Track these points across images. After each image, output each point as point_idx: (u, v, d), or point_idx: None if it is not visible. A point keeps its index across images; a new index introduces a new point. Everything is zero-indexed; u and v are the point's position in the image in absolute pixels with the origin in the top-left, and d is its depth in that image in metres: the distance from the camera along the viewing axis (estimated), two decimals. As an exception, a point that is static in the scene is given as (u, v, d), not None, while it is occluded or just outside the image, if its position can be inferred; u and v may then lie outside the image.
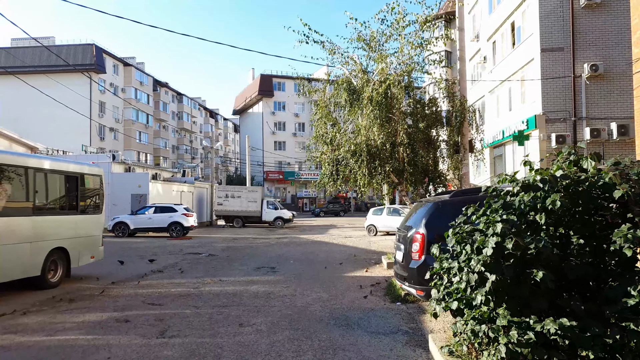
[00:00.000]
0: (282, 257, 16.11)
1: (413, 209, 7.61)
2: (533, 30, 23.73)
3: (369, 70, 13.14)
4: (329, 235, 25.84)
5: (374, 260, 14.68)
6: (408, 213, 7.72)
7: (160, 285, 10.57)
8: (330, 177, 13.20)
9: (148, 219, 25.12)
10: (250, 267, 13.60)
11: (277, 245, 20.69)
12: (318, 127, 13.57)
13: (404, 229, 7.29)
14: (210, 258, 16.07)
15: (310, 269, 13.10)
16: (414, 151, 12.29)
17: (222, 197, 34.76)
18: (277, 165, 70.04)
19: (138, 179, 28.77)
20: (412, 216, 7.37)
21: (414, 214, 7.34)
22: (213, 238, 25.10)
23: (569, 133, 22.97)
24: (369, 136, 12.14)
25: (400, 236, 7.31)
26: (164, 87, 76.49)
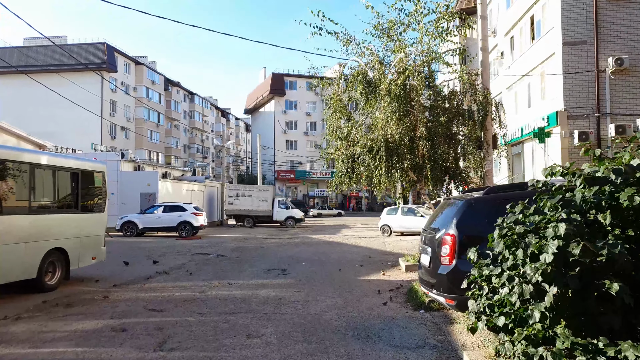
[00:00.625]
0: (293, 258, 15.43)
1: (439, 208, 6.87)
2: (554, 24, 22.84)
3: (386, 62, 12.41)
4: (341, 236, 25.12)
5: (390, 262, 13.93)
6: (434, 213, 6.97)
7: (165, 289, 9.92)
8: (345, 174, 12.46)
9: (157, 218, 24.58)
10: (261, 268, 12.92)
11: (288, 245, 20.02)
12: (332, 122, 12.84)
13: (430, 231, 6.55)
14: (220, 259, 15.43)
15: (323, 271, 12.40)
16: (435, 146, 11.50)
17: (232, 196, 34.20)
18: (289, 165, 69.48)
19: (147, 177, 28.27)
20: (440, 216, 6.63)
21: (442, 214, 6.60)
22: (223, 238, 24.50)
23: (592, 130, 22.07)
24: (387, 130, 11.38)
25: (427, 238, 6.58)
26: (176, 86, 76.25)
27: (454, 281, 5.58)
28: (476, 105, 12.32)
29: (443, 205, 6.81)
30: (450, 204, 6.48)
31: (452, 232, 5.74)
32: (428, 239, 6.44)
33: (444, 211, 6.55)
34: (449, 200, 6.81)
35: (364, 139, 11.80)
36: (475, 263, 4.45)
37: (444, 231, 5.88)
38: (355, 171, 12.43)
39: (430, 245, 6.26)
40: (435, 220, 6.70)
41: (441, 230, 5.99)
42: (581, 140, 21.66)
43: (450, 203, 6.50)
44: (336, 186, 13.23)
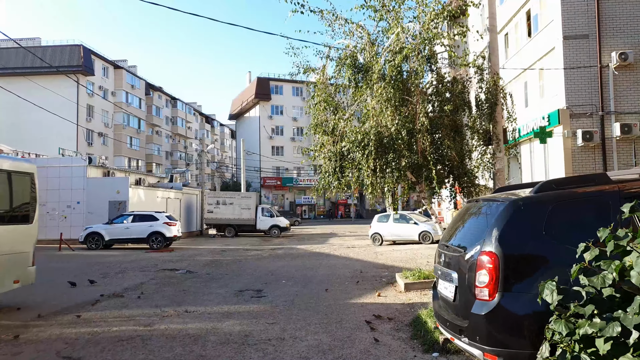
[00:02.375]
0: (273, 274, 13.40)
1: (460, 216, 4.90)
2: (553, 17, 21.30)
3: (379, 42, 10.53)
4: (329, 246, 23.12)
5: (385, 279, 11.96)
6: (452, 222, 5.00)
7: (103, 321, 7.82)
8: (333, 175, 10.47)
9: (125, 228, 22.36)
10: (232, 289, 10.87)
11: (269, 258, 17.96)
12: (316, 114, 10.89)
13: (453, 248, 4.58)
14: (187, 276, 13.34)
15: (307, 291, 10.38)
16: (437, 141, 9.62)
17: (212, 204, 32.04)
18: (275, 171, 67.39)
19: (117, 184, 26.01)
20: (464, 226, 4.62)
21: (467, 223, 4.57)
22: (199, 250, 22.38)
23: (596, 129, 20.49)
24: (380, 122, 9.47)
25: (448, 258, 4.62)
26: (157, 91, 73.93)
27: (499, 327, 3.65)
28: (483, 92, 10.48)
29: (467, 210, 4.84)
30: (480, 207, 4.51)
31: (492, 250, 3.77)
32: (451, 260, 4.45)
33: (471, 219, 4.56)
34: (477, 202, 4.84)
35: (354, 132, 9.87)
36: (557, 308, 2.52)
37: (479, 249, 3.88)
38: (344, 171, 10.47)
39: (455, 269, 4.28)
40: (457, 233, 4.70)
41: (473, 248, 3.98)
42: (585, 140, 20.08)
43: (480, 206, 4.54)
44: (322, 190, 11.24)
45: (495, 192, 4.98)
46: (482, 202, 4.58)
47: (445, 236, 4.88)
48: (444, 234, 4.99)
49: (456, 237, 4.67)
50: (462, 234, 4.61)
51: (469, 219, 4.66)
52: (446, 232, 4.95)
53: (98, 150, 56.95)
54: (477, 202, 4.80)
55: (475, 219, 4.51)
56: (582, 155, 20.46)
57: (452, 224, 5.02)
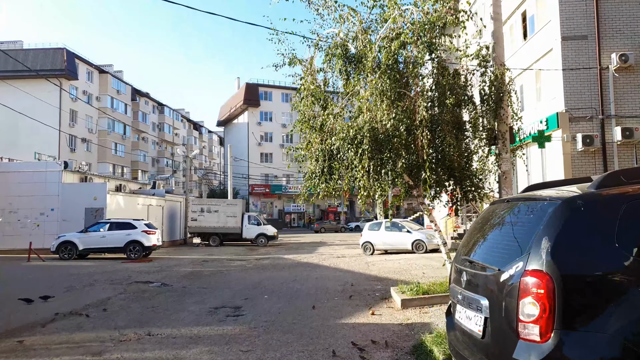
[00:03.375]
0: (256, 287, 12.18)
1: (483, 221, 3.72)
2: (551, 17, 20.51)
3: (373, 31, 9.44)
4: (318, 255, 21.92)
5: (378, 293, 10.80)
6: (473, 229, 3.85)
7: (46, 347, 6.57)
8: (320, 177, 9.32)
9: (101, 237, 21.00)
10: (207, 306, 9.65)
11: (254, 269, 16.73)
12: (303, 110, 9.76)
13: (482, 266, 3.35)
14: (160, 290, 12.09)
15: (292, 308, 9.20)
16: (438, 138, 8.53)
17: (196, 212, 30.72)
18: (264, 179, 66.12)
19: (94, 190, 24.62)
20: (491, 234, 3.47)
21: (495, 230, 3.47)
22: (180, 260, 21.08)
23: (597, 133, 19.63)
24: (375, 116, 8.36)
25: (472, 277, 3.45)
26: (144, 97, 72.50)
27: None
28: (487, 86, 9.43)
29: (492, 214, 3.66)
30: (513, 210, 3.31)
31: (543, 269, 2.56)
32: (477, 281, 3.32)
33: (502, 225, 3.38)
34: (506, 202, 3.61)
35: (345, 128, 8.74)
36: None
37: (521, 267, 2.66)
38: (333, 172, 9.32)
39: (484, 294, 3.13)
40: (482, 243, 3.53)
41: (512, 265, 2.86)
42: (585, 145, 19.21)
43: (513, 208, 3.34)
44: (308, 193, 10.07)
45: (525, 191, 3.84)
46: (517, 203, 3.41)
47: (464, 248, 3.73)
48: (462, 246, 3.85)
49: (481, 249, 3.50)
50: (490, 245, 3.43)
51: (497, 225, 3.51)
52: (464, 243, 3.80)
53: (81, 156, 55.43)
54: (507, 202, 3.63)
55: (508, 225, 3.34)
56: (581, 161, 19.58)
57: (472, 231, 3.88)
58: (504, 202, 3.70)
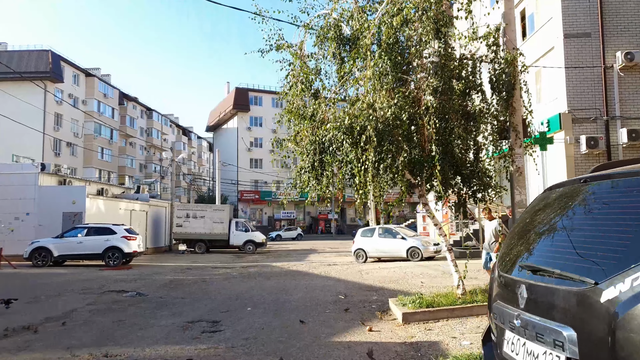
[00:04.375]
0: (239, 298, 11.01)
1: (543, 210, 2.54)
2: (552, 14, 19.69)
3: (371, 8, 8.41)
4: (308, 263, 20.75)
5: (375, 306, 9.67)
6: (523, 225, 2.73)
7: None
8: (311, 173, 8.20)
9: (78, 243, 19.69)
10: (182, 319, 8.49)
11: (239, 278, 15.54)
12: (292, 98, 8.65)
13: (558, 277, 2.17)
14: (133, 301, 10.89)
15: (278, 323, 8.06)
16: (446, 128, 7.46)
17: (182, 218, 29.44)
18: (253, 185, 64.84)
19: (72, 193, 23.28)
20: (564, 228, 2.33)
21: (576, 221, 2.33)
22: (162, 267, 19.83)
23: (601, 135, 18.76)
24: (374, 103, 7.27)
25: (540, 294, 2.26)
26: (132, 101, 71.13)
27: None
28: (498, 73, 8.40)
29: (558, 201, 2.51)
30: (595, 194, 2.22)
31: None
32: (552, 300, 2.16)
33: (587, 215, 2.21)
34: (582, 184, 2.41)
35: (341, 114, 7.64)
36: None
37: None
38: (325, 168, 8.20)
39: (568, 321, 1.98)
40: (548, 243, 2.34)
41: (621, 277, 1.76)
42: (589, 147, 18.35)
43: (596, 192, 2.22)
44: (297, 190, 8.93)
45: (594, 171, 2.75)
46: (610, 180, 2.27)
47: (514, 250, 2.63)
48: (508, 247, 2.74)
49: (550, 251, 2.36)
50: (565, 245, 2.28)
51: (575, 215, 2.38)
52: (511, 244, 2.69)
53: (66, 160, 53.93)
54: (584, 182, 2.47)
55: (601, 214, 2.20)
56: (585, 163, 18.66)
57: (523, 227, 2.76)
58: (575, 184, 2.59)
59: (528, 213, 2.89)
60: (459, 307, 7.90)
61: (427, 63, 7.63)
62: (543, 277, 2.22)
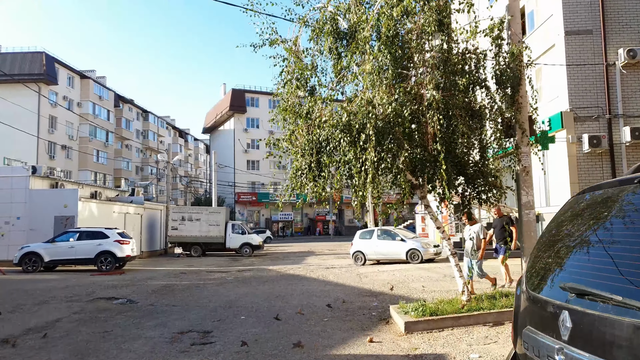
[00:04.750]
0: (232, 306, 10.54)
1: (583, 217, 2.08)
2: (553, 11, 19.30)
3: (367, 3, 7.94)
4: (305, 266, 20.28)
5: (375, 313, 9.21)
6: (552, 235, 2.26)
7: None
8: (308, 173, 7.74)
9: (69, 247, 19.18)
10: (170, 330, 8.02)
11: (234, 283, 15.07)
12: (287, 96, 8.18)
13: (607, 304, 1.69)
14: (122, 309, 10.41)
15: (272, 334, 7.60)
16: (449, 127, 7.00)
17: (177, 221, 28.93)
18: (250, 186, 64.36)
19: (64, 197, 22.76)
20: (617, 241, 1.87)
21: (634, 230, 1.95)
22: (156, 272, 19.33)
23: (604, 134, 18.35)
24: (373, 99, 6.81)
25: (592, 325, 1.75)
26: (128, 104, 70.61)
27: None
28: (502, 68, 7.97)
29: (602, 206, 2.06)
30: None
31: None
32: (605, 333, 1.65)
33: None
34: (629, 184, 1.98)
35: (339, 111, 7.18)
36: None
37: None
38: (322, 169, 7.74)
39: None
40: (595, 259, 1.81)
41: None
42: (592, 146, 17.93)
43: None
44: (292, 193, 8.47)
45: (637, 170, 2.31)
46: None
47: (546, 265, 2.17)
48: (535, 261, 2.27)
49: (597, 270, 1.86)
50: (623, 264, 1.78)
51: (626, 225, 1.91)
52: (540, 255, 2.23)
53: (61, 163, 53.36)
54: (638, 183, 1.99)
55: None
56: (588, 163, 18.26)
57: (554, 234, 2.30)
58: (621, 185, 2.12)
59: (560, 220, 2.42)
60: (465, 315, 7.44)
61: (429, 57, 7.15)
62: (594, 304, 1.74)
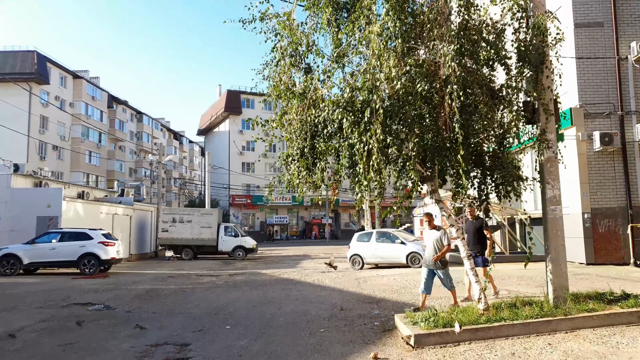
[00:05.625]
0: (219, 312, 9.49)
1: None
2: (562, 3, 18.41)
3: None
4: (300, 270, 19.21)
5: (378, 322, 8.15)
6: None
7: None
8: (300, 160, 6.70)
9: (50, 249, 18.06)
10: (145, 341, 6.97)
11: (223, 287, 14.00)
12: (279, 76, 7.13)
13: None
14: (95, 316, 9.35)
15: (260, 346, 6.55)
16: (469, 108, 5.99)
17: (168, 222, 27.81)
18: (245, 189, 63.19)
19: (47, 196, 21.65)
20: None
21: None
22: (142, 275, 18.23)
23: (616, 131, 17.44)
24: (380, 70, 5.79)
25: None
26: (122, 105, 69.50)
27: None
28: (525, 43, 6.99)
29: None
30: None
31: None
32: None
33: None
34: None
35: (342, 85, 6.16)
36: None
37: None
38: (317, 155, 6.71)
39: None
40: None
41: None
42: (603, 144, 17.03)
43: None
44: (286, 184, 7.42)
45: None
46: None
47: None
48: None
49: None
50: None
51: None
52: None
53: (52, 164, 52.19)
54: None
55: None
56: (599, 162, 17.34)
57: None
58: None
59: None
60: (484, 326, 6.42)
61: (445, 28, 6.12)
62: None
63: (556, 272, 6.95)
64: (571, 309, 6.60)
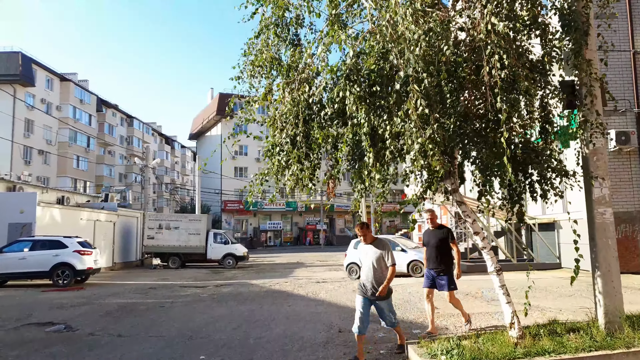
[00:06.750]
0: (195, 336, 8.06)
1: None
2: (571, -6, 17.11)
3: None
4: (293, 280, 17.74)
5: (384, 350, 6.70)
6: None
7: None
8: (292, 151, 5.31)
9: (20, 259, 16.52)
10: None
11: (207, 302, 12.53)
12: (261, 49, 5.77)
13: None
14: (49, 341, 7.88)
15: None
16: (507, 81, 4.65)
17: (154, 229, 26.28)
18: (238, 194, 61.60)
19: (20, 201, 20.10)
20: None
21: None
22: (122, 286, 16.71)
23: (633, 130, 16.20)
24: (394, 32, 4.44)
25: None
26: (112, 108, 67.90)
27: None
28: (566, 12, 5.70)
29: None
30: None
31: None
32: None
33: None
34: None
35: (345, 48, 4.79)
36: None
37: None
38: (312, 146, 5.34)
39: None
40: None
41: None
42: (620, 144, 15.78)
43: None
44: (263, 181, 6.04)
45: None
46: None
47: None
48: None
49: None
50: None
51: None
52: None
53: (38, 169, 50.61)
54: None
55: None
56: (615, 162, 16.07)
57: None
58: None
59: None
60: (523, 361, 5.02)
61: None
62: None
63: (608, 291, 5.58)
64: (632, 339, 5.23)
